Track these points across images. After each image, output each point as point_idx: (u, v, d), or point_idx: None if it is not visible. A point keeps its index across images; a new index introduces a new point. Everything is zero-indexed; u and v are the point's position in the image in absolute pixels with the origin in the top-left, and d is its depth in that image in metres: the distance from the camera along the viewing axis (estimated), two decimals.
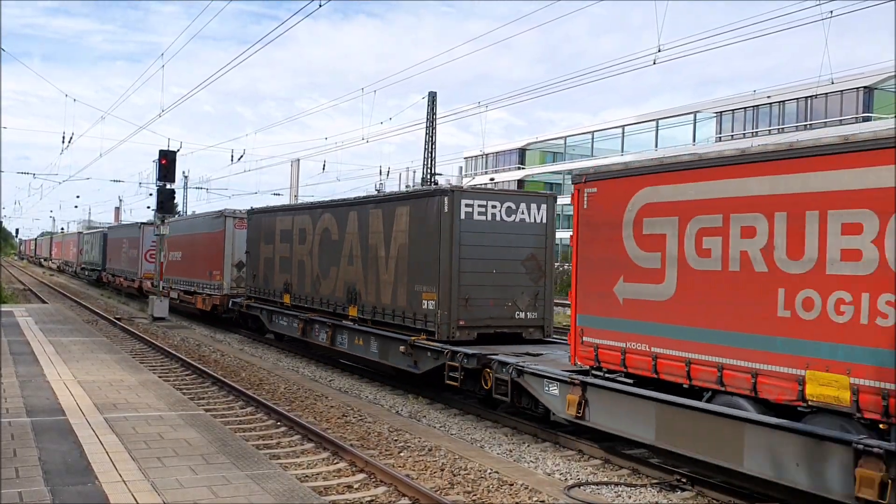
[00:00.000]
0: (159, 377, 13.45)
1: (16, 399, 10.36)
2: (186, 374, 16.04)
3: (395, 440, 10.78)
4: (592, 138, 62.89)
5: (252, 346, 21.77)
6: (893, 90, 43.80)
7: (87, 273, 53.33)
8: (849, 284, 7.24)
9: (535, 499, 8.42)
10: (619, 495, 8.86)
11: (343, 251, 16.55)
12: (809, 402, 7.57)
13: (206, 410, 11.42)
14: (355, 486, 8.66)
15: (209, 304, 25.17)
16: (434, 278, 13.29)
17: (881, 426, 7.10)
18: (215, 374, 15.35)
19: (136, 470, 7.28)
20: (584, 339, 10.23)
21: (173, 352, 18.60)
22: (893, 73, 41.03)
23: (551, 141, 68.27)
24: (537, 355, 11.94)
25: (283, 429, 11.34)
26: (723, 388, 8.40)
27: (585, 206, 10.28)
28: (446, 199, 13.10)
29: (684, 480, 9.00)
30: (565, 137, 66.20)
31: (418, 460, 9.78)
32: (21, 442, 8.12)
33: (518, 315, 13.49)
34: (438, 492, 8.40)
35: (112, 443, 8.23)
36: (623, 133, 59.70)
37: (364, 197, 16.54)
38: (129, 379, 12.33)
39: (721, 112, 52.61)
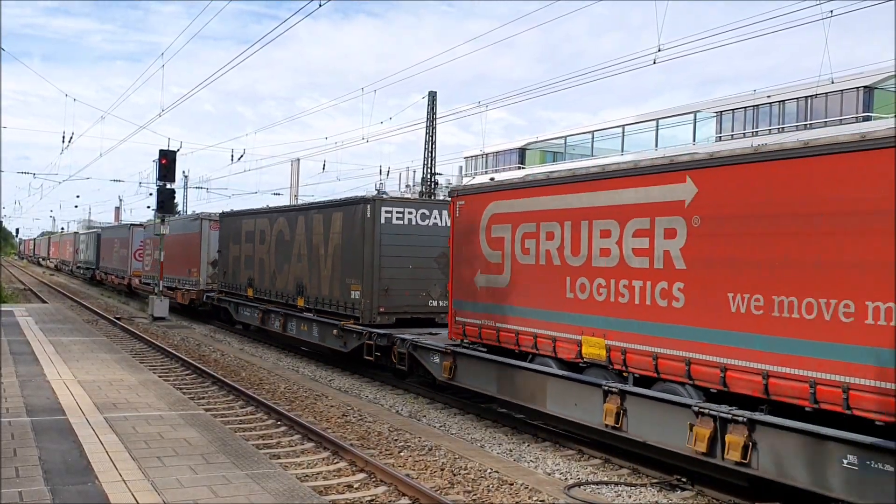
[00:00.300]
0: (159, 377, 14.20)
1: (16, 399, 10.82)
2: (186, 374, 16.86)
3: (395, 440, 11.41)
4: (592, 138, 65.82)
5: (252, 345, 23.01)
6: (893, 90, 46.47)
7: (82, 272, 57.89)
8: (604, 273, 10.83)
9: (535, 498, 8.86)
10: (619, 495, 9.43)
11: (293, 250, 20.32)
12: (585, 359, 11.15)
13: (207, 410, 11.98)
14: (355, 485, 9.08)
15: (187, 298, 29.10)
16: (359, 272, 16.99)
17: (624, 374, 10.71)
18: (215, 374, 16.21)
19: (136, 469, 7.57)
20: (457, 318, 13.89)
21: (173, 351, 19.51)
22: (893, 73, 43.25)
23: (551, 141, 71.41)
24: (435, 334, 15.56)
25: (283, 428, 11.94)
26: (538, 352, 12.01)
27: (458, 215, 13.94)
28: (369, 206, 16.80)
29: (684, 480, 9.79)
30: (565, 137, 69.09)
31: (418, 460, 10.32)
32: (21, 441, 8.45)
33: (431, 303, 17.15)
34: (438, 491, 8.83)
35: (112, 442, 8.60)
36: (623, 133, 62.59)
37: (309, 204, 20.32)
38: (129, 378, 12.98)
39: (721, 112, 55.41)
